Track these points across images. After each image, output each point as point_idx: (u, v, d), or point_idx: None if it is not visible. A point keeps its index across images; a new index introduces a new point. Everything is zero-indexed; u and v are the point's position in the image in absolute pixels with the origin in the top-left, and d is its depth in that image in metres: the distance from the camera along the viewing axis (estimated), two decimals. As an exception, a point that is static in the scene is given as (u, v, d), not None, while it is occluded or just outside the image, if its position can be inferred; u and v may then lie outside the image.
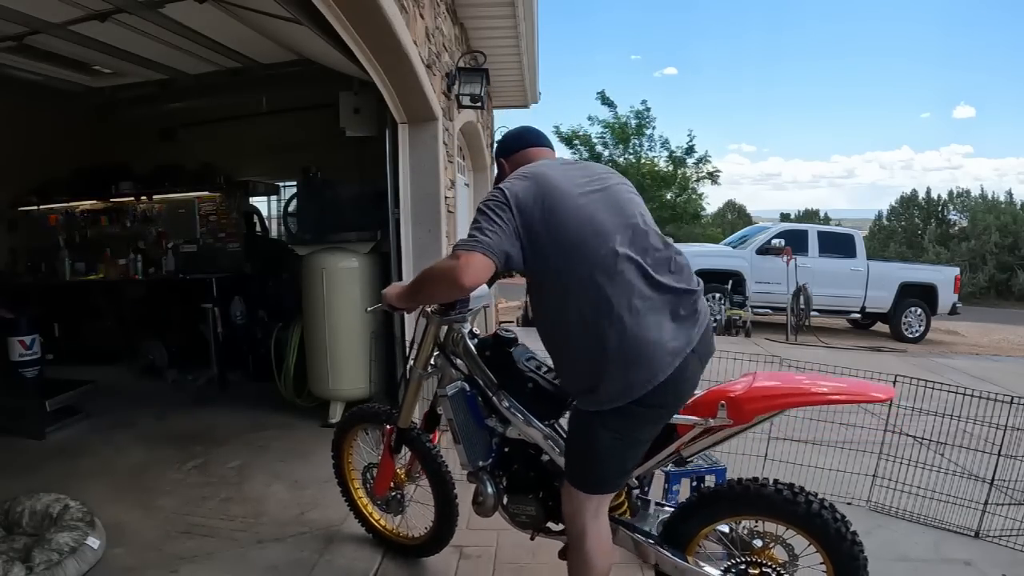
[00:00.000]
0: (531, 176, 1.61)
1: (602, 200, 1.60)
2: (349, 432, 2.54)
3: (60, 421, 3.91)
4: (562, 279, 1.54)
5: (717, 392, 1.62)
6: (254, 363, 4.92)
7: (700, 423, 1.61)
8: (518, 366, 1.89)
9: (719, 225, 26.88)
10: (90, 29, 3.70)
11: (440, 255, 3.97)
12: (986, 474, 2.69)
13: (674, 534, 1.77)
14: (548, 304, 1.62)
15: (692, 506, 1.77)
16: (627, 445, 1.60)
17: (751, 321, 8.59)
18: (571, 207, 1.55)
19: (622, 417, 1.54)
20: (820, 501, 1.58)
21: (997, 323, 12.97)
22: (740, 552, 1.70)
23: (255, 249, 5.56)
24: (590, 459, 1.61)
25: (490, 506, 1.96)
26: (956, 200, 25.12)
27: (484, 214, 1.54)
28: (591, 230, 1.53)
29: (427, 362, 2.12)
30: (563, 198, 1.56)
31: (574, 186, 1.60)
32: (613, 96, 17.58)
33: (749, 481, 1.64)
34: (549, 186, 1.57)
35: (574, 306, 1.53)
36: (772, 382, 1.63)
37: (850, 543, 1.55)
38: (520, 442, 1.93)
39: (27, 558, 2.20)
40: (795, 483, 1.63)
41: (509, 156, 1.83)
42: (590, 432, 1.58)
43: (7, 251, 5.82)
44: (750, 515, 1.69)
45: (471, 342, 1.99)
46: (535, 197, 1.55)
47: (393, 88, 3.53)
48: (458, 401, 1.96)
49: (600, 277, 1.50)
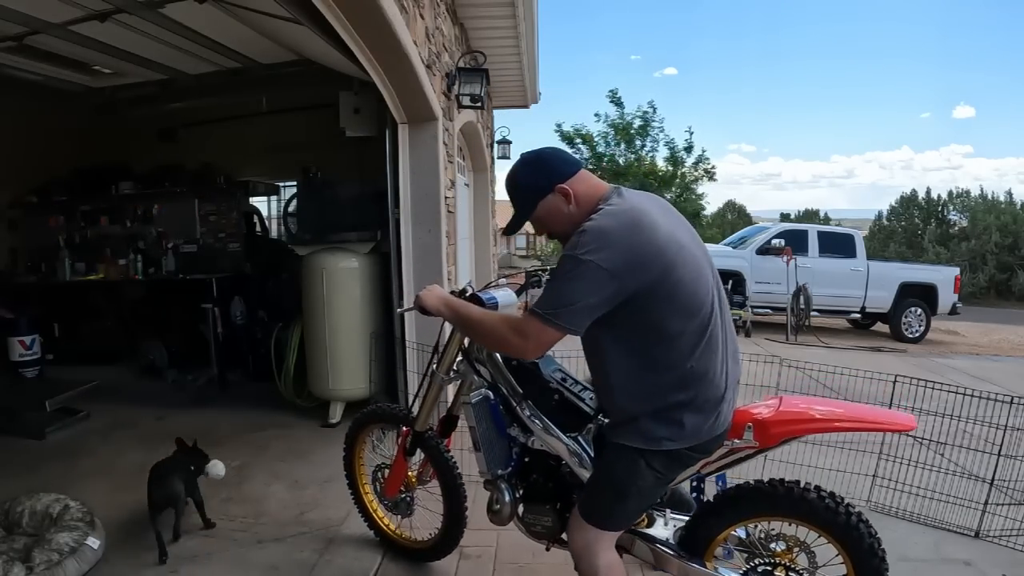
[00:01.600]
0: (633, 230, 1.41)
1: (698, 249, 1.54)
2: (364, 429, 2.52)
3: (60, 421, 3.91)
4: (670, 329, 1.45)
5: (744, 414, 1.62)
6: (254, 363, 4.92)
7: (727, 444, 1.61)
8: (544, 377, 1.87)
9: (719, 225, 26.88)
10: (90, 29, 3.70)
11: (440, 255, 3.97)
12: (986, 474, 2.69)
13: (692, 540, 1.76)
14: (626, 334, 1.50)
15: (718, 505, 1.74)
16: (664, 483, 1.59)
17: (751, 321, 8.58)
18: (684, 261, 1.45)
19: (670, 459, 1.53)
20: (858, 514, 1.59)
21: (997, 323, 12.96)
22: (764, 553, 1.70)
23: (255, 249, 5.56)
24: (626, 496, 1.56)
25: (506, 515, 1.94)
26: (956, 200, 25.10)
27: (574, 280, 1.38)
28: (701, 287, 1.47)
29: (450, 367, 2.10)
30: (676, 254, 1.43)
31: (677, 231, 1.50)
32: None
33: (792, 483, 1.64)
34: (659, 243, 1.42)
35: (674, 351, 1.47)
36: (799, 407, 1.65)
37: (879, 560, 1.58)
38: (541, 453, 1.91)
39: (27, 558, 2.20)
40: (835, 491, 1.64)
41: (569, 179, 1.54)
42: (634, 470, 1.53)
43: (7, 251, 5.81)
44: (787, 518, 1.68)
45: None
46: (652, 259, 1.40)
47: (393, 88, 3.54)
48: (481, 409, 1.95)
49: (705, 330, 1.48)
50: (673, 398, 1.48)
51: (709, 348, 1.49)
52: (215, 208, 5.73)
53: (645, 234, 1.41)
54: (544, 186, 1.54)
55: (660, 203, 1.59)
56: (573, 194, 1.52)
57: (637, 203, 1.49)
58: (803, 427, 1.60)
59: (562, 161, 1.58)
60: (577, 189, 1.53)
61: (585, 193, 1.53)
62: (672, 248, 1.43)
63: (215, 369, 4.85)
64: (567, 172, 1.54)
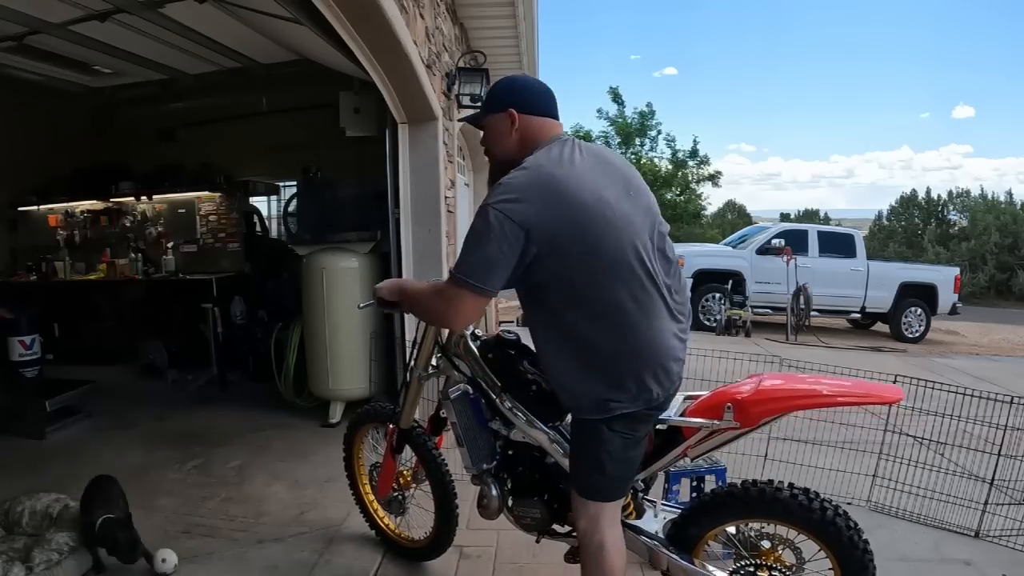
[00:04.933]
0: (547, 187, 1.41)
1: (632, 208, 1.51)
2: (360, 429, 2.53)
3: (60, 421, 3.91)
4: (586, 295, 1.45)
5: (722, 394, 1.60)
6: (254, 363, 4.91)
7: (707, 426, 1.60)
8: (521, 368, 1.88)
9: (719, 225, 26.88)
10: (90, 29, 3.70)
11: (440, 255, 3.97)
12: (986, 474, 2.69)
13: (682, 536, 1.75)
14: (557, 313, 1.51)
15: (701, 507, 1.75)
16: (633, 444, 1.59)
17: (751, 321, 8.58)
18: (600, 224, 1.43)
19: (630, 419, 1.54)
20: (835, 508, 1.57)
21: (997, 323, 12.97)
22: (749, 553, 1.69)
23: (255, 249, 5.56)
24: (602, 465, 1.58)
25: (495, 509, 1.95)
26: (956, 200, 25.13)
27: (484, 237, 1.39)
28: (624, 245, 1.45)
29: (428, 363, 2.11)
30: (591, 209, 1.42)
31: (603, 193, 1.46)
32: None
33: (764, 484, 1.63)
34: (575, 203, 1.41)
35: (600, 316, 1.46)
36: (778, 384, 1.62)
37: (861, 551, 1.55)
38: (524, 444, 1.91)
39: (27, 558, 2.20)
40: (809, 488, 1.62)
41: (523, 112, 1.56)
42: (600, 437, 1.55)
43: (7, 251, 5.82)
44: (763, 519, 1.67)
45: (473, 344, 1.97)
46: (556, 221, 1.39)
47: (393, 88, 3.53)
48: (461, 404, 1.95)
49: (628, 296, 1.46)
50: (609, 364, 1.48)
51: (647, 314, 1.48)
52: (215, 208, 5.73)
53: (560, 187, 1.41)
54: (502, 101, 1.59)
55: (602, 158, 1.58)
56: (518, 122, 1.55)
57: (564, 156, 1.49)
58: (784, 404, 1.56)
59: (532, 94, 1.60)
60: (527, 123, 1.56)
61: (531, 131, 1.56)
62: (594, 205, 1.42)
63: (215, 369, 4.85)
64: (529, 104, 1.56)
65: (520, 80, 1.65)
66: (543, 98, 1.61)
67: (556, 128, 1.60)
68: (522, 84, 1.63)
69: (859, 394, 1.63)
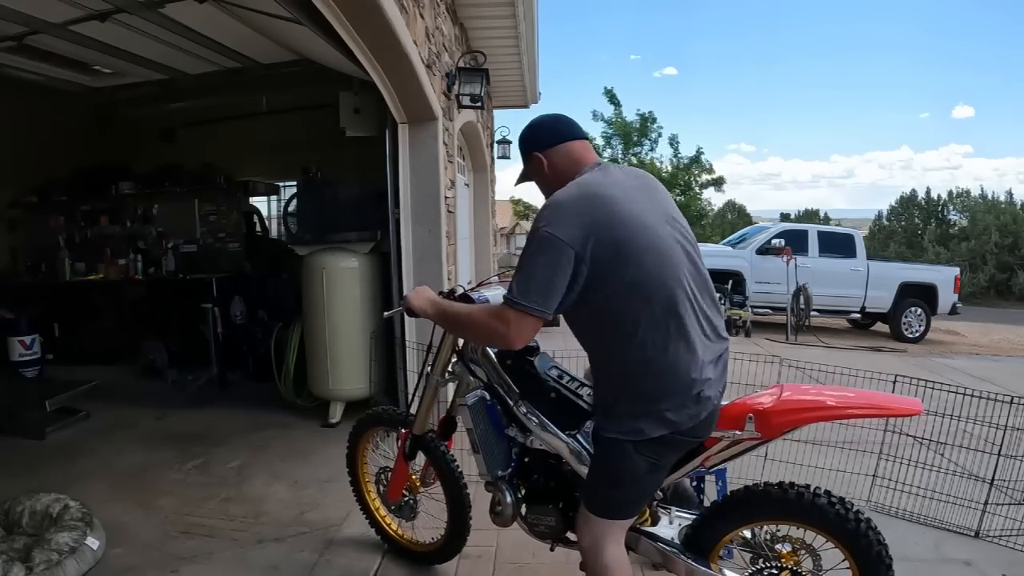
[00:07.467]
0: (596, 208, 1.45)
1: (673, 231, 1.54)
2: (366, 432, 2.51)
3: (60, 421, 3.91)
4: (628, 315, 1.46)
5: (744, 405, 1.59)
6: (254, 363, 4.92)
7: (728, 436, 1.59)
8: (540, 375, 1.86)
9: (719, 226, 26.86)
10: (90, 29, 3.70)
11: (440, 255, 3.97)
12: (986, 474, 2.69)
13: (697, 541, 1.74)
14: (599, 333, 1.54)
15: (726, 508, 1.72)
16: (658, 469, 1.58)
17: (751, 321, 8.57)
18: (647, 242, 1.46)
19: (659, 444, 1.52)
20: (867, 520, 1.57)
21: (997, 323, 12.96)
22: (770, 555, 1.68)
23: (255, 249, 5.56)
24: (622, 485, 1.56)
25: (509, 516, 1.93)
26: (956, 200, 25.10)
27: (540, 260, 1.42)
28: (665, 269, 1.47)
29: (444, 368, 2.09)
30: (637, 233, 1.45)
31: (645, 212, 1.50)
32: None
33: (803, 488, 1.61)
34: (620, 216, 1.45)
35: (636, 339, 1.47)
36: (800, 396, 1.61)
37: (887, 568, 1.56)
38: (541, 452, 1.89)
39: (27, 558, 2.20)
40: (844, 496, 1.61)
41: (546, 150, 1.63)
42: (626, 458, 1.53)
43: (7, 251, 5.81)
44: (794, 523, 1.65)
45: (491, 350, 1.95)
46: (606, 240, 1.42)
47: (393, 88, 3.54)
48: (478, 410, 1.94)
49: (669, 314, 1.46)
50: (643, 387, 1.48)
51: (678, 336, 1.47)
52: (215, 208, 5.73)
53: (599, 206, 1.45)
54: (525, 151, 1.68)
55: (640, 181, 1.61)
56: (547, 164, 1.63)
57: (604, 179, 1.53)
58: (807, 416, 1.56)
59: (546, 131, 1.66)
60: (554, 160, 1.62)
61: (562, 165, 1.62)
62: (631, 225, 1.45)
63: (215, 369, 4.85)
64: (547, 142, 1.64)
65: (531, 123, 1.71)
66: (556, 126, 1.67)
67: (585, 149, 1.65)
68: (535, 126, 1.69)
69: (880, 406, 1.64)
